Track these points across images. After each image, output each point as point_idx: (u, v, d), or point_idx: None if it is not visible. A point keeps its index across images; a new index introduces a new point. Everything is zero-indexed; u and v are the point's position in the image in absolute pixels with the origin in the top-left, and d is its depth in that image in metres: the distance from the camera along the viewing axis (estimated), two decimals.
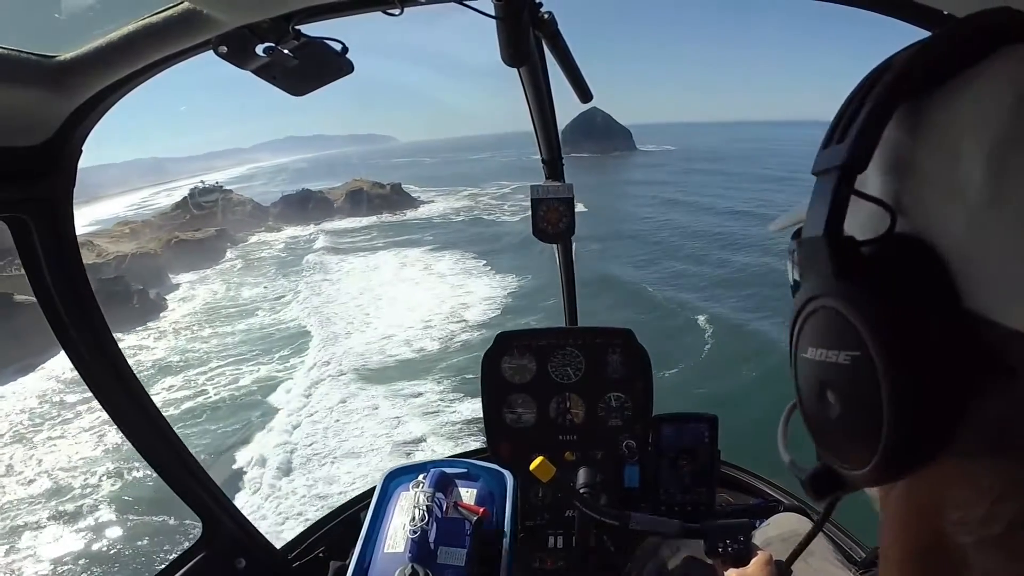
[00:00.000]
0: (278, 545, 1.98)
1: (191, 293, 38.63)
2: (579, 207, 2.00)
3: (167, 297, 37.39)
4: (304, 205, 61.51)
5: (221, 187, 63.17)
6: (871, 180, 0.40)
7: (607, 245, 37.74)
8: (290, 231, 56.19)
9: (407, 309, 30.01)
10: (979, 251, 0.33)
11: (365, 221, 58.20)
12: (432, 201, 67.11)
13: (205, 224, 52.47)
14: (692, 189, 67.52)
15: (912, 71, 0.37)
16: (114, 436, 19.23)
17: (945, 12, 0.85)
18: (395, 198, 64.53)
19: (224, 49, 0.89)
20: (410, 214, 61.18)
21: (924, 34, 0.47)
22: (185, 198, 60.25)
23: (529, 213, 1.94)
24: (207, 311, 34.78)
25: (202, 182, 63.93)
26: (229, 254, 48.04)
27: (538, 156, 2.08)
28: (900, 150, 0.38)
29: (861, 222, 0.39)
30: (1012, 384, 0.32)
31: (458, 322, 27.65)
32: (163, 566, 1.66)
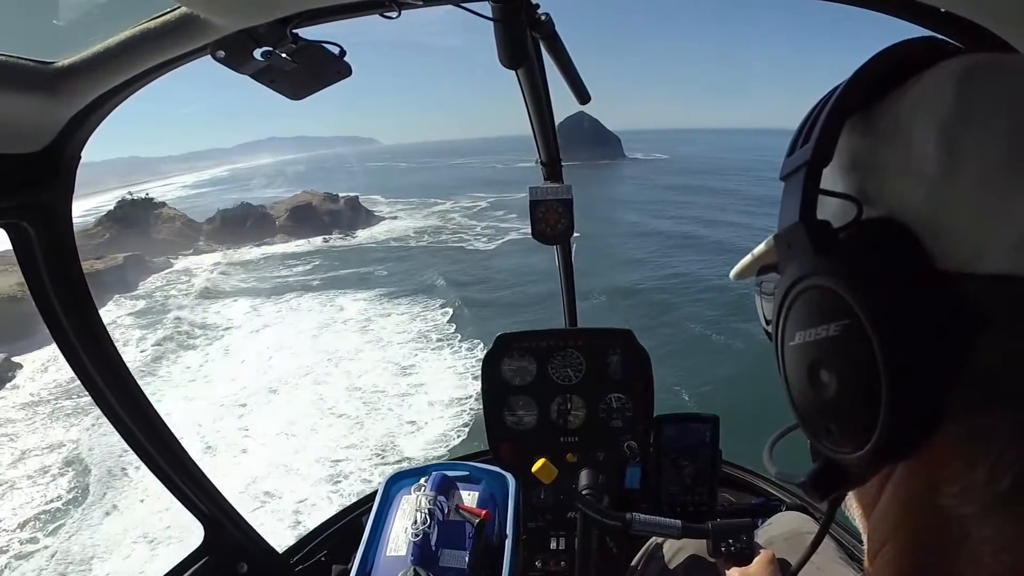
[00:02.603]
0: (280, 550, 1.98)
1: (55, 355, 21.99)
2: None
3: (21, 359, 24.96)
4: (242, 223, 51.76)
5: (151, 200, 55.49)
6: (834, 182, 0.44)
7: (606, 311, 26.89)
8: (221, 255, 45.73)
9: (311, 427, 18.90)
10: (943, 216, 0.37)
11: (306, 245, 47.66)
12: (395, 217, 57.56)
13: (114, 249, 40.95)
14: (699, 214, 53.87)
15: (861, 81, 0.43)
16: None
17: (942, 9, 0.85)
18: (349, 215, 54.70)
19: (222, 54, 0.89)
20: (364, 234, 50.73)
21: (925, 32, 0.49)
22: (109, 212, 51.78)
23: (507, 238, 1.91)
24: (61, 391, 22.57)
25: (130, 193, 55.67)
26: (132, 290, 36.67)
27: (521, 164, 2.06)
28: (857, 151, 0.44)
29: (829, 219, 0.42)
30: (995, 330, 0.35)
31: (395, 463, 15.77)
32: (165, 571, 1.65)
